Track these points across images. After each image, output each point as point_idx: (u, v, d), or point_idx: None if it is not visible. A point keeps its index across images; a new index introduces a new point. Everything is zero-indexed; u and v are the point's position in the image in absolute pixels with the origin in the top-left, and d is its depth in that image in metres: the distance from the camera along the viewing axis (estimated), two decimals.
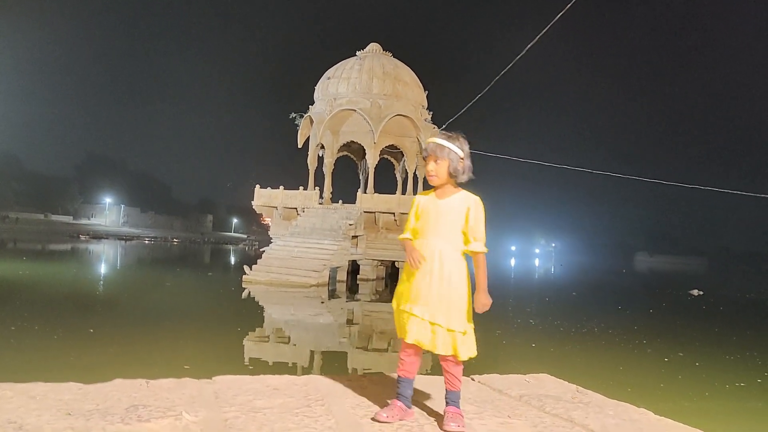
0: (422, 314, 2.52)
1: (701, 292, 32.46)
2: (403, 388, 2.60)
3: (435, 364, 2.52)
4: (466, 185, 2.70)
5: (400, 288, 2.68)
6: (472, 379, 3.50)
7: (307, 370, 9.31)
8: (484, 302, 2.56)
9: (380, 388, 3.05)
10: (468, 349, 2.55)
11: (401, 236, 2.77)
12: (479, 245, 2.59)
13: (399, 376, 2.64)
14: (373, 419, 2.49)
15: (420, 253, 2.58)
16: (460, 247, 2.60)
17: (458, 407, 2.54)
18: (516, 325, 15.61)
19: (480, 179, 2.74)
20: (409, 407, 2.60)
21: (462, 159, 2.62)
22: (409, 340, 2.54)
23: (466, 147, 2.66)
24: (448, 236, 2.59)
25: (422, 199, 2.71)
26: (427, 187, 2.79)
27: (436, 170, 2.61)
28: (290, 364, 9.84)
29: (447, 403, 2.55)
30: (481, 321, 2.60)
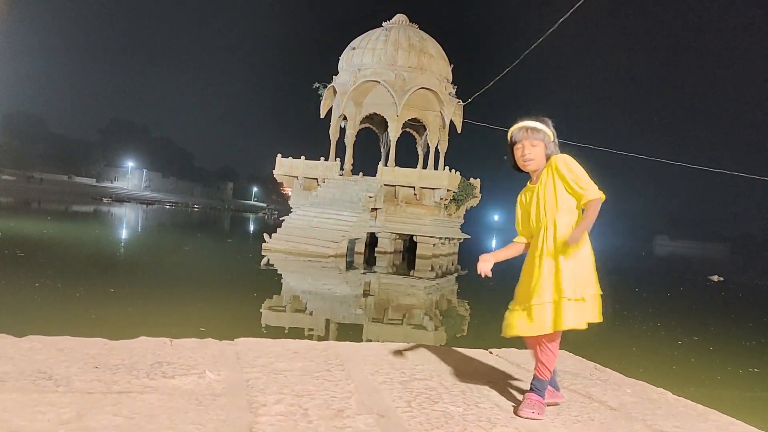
0: (519, 306, 2.45)
1: (721, 279, 32.10)
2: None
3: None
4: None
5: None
6: (490, 353, 3.51)
7: (322, 339, 9.42)
8: (575, 235, 2.30)
9: (398, 357, 3.08)
10: (570, 317, 2.33)
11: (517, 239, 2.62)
12: (590, 193, 2.35)
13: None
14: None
15: (485, 266, 2.51)
16: (571, 216, 2.41)
17: (540, 395, 2.39)
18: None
19: (502, 156, 2.64)
20: (557, 389, 2.58)
21: (554, 142, 2.49)
22: (504, 334, 2.48)
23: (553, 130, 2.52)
24: (554, 216, 2.42)
25: (522, 197, 2.60)
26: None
27: (535, 154, 2.45)
28: (306, 332, 9.95)
29: (530, 389, 2.42)
30: (496, 298, 2.59)
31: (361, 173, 28.56)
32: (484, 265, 2.51)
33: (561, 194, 2.40)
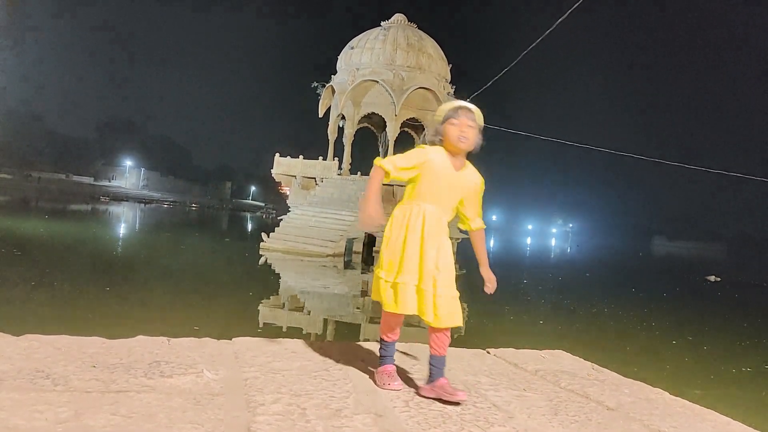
0: (418, 283, 2.44)
1: (718, 279, 32.15)
2: (391, 350, 2.60)
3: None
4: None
5: (389, 257, 2.55)
6: (488, 353, 3.52)
7: (320, 338, 9.42)
8: (492, 278, 2.60)
9: (397, 356, 3.08)
10: (458, 316, 2.46)
11: (379, 161, 2.58)
12: (481, 221, 2.63)
13: (385, 340, 2.59)
14: (384, 388, 2.50)
15: (375, 213, 2.53)
16: (448, 219, 2.58)
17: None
18: (526, 302, 15.63)
19: (500, 156, 2.67)
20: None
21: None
22: (402, 311, 2.45)
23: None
24: (450, 208, 2.57)
25: (436, 158, 2.51)
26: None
27: (471, 135, 2.47)
28: (304, 331, 9.95)
29: (437, 374, 2.42)
30: (493, 298, 2.60)
31: (359, 173, 28.56)
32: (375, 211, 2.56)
33: (470, 201, 2.60)
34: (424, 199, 2.54)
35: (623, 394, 2.86)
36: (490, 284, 2.59)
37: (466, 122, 2.47)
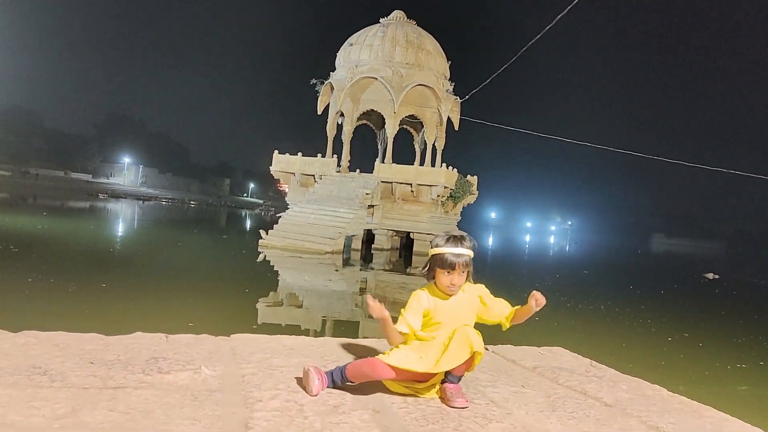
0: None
1: (716, 276, 32.16)
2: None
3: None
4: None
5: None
6: (486, 349, 3.51)
7: (318, 335, 9.41)
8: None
9: None
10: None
11: (399, 327, 2.47)
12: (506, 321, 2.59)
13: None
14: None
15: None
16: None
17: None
18: (523, 298, 15.61)
19: (499, 153, 2.56)
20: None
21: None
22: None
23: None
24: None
25: (433, 304, 2.48)
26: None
27: (461, 281, 2.45)
28: (302, 329, 9.94)
29: (444, 380, 2.40)
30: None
31: (358, 170, 28.54)
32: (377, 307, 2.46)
33: (486, 311, 2.55)
34: (440, 327, 2.46)
35: (621, 390, 2.86)
36: (538, 299, 2.56)
37: (458, 272, 2.43)
